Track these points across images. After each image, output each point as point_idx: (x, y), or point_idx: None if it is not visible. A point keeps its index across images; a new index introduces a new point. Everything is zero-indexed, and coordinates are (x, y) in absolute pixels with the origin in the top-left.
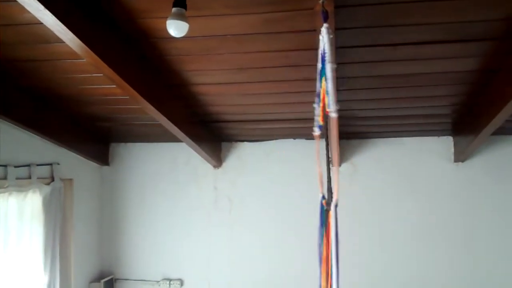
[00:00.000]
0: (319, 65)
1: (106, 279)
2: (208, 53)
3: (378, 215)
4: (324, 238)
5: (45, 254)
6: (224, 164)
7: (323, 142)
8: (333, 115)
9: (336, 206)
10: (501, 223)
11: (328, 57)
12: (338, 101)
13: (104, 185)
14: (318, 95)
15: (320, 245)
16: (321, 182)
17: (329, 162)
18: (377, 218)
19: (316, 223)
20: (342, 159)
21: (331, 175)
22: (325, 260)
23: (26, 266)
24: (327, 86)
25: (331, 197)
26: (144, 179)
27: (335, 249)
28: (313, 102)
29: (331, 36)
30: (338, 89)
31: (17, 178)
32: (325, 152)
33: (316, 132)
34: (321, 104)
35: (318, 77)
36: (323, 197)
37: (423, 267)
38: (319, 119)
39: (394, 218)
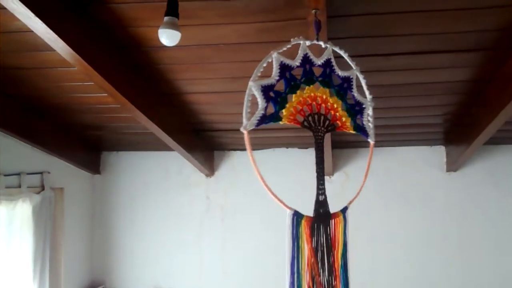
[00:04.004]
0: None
1: None
2: (201, 62)
3: (371, 225)
4: (309, 253)
5: (34, 264)
6: (216, 173)
7: (307, 151)
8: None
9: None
10: (494, 232)
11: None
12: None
13: (95, 194)
14: (272, 88)
15: (297, 263)
16: (276, 197)
17: (323, 172)
18: (369, 228)
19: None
20: (335, 168)
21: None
22: (310, 278)
23: (15, 276)
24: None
25: (328, 207)
26: (135, 188)
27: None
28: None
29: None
30: None
31: (6, 187)
32: (321, 162)
33: (249, 127)
34: (293, 105)
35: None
36: (296, 213)
37: (415, 277)
38: (284, 119)
39: (387, 228)
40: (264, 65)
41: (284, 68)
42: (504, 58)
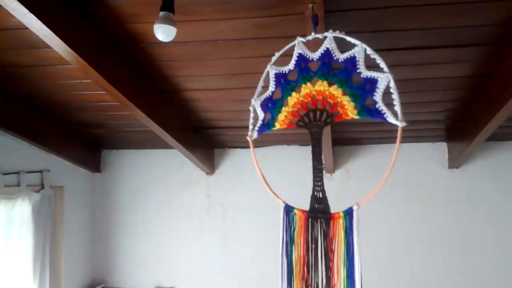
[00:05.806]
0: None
1: (97, 287)
2: (199, 59)
3: (372, 222)
4: (297, 249)
5: (34, 263)
6: (217, 171)
7: (308, 148)
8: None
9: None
10: (496, 229)
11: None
12: None
13: (96, 193)
14: (270, 99)
15: (288, 256)
16: (271, 190)
17: (322, 169)
18: (371, 225)
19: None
20: (336, 165)
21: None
22: (302, 274)
23: (15, 275)
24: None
25: (328, 205)
26: (136, 186)
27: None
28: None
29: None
30: None
31: (5, 186)
32: (319, 159)
33: (253, 136)
34: (287, 109)
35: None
36: (287, 206)
37: (417, 274)
38: (276, 124)
39: (388, 225)
40: (262, 83)
41: (279, 77)
42: (505, 53)
